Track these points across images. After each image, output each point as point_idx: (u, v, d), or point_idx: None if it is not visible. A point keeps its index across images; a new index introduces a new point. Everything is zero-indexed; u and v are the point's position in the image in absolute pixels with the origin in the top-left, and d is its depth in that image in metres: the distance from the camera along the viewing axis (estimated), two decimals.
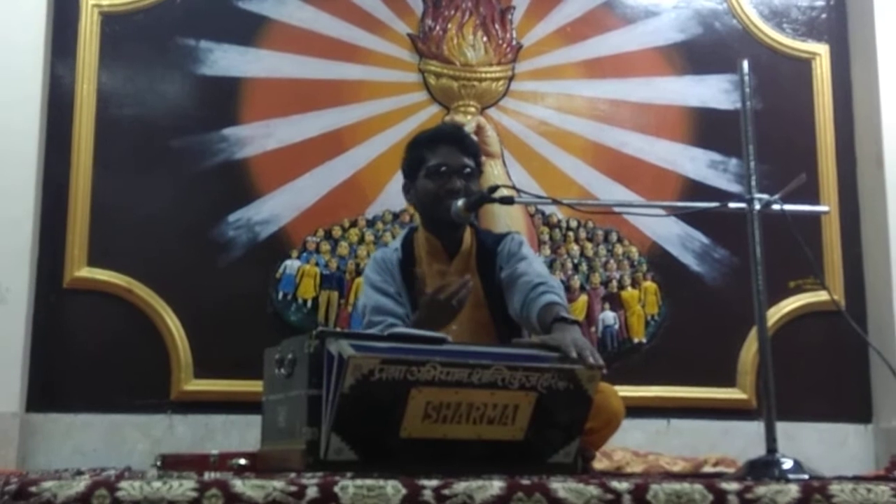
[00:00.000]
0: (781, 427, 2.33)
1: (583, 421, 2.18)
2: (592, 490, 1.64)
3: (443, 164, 2.68)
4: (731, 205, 2.47)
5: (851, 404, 4.25)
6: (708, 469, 3.45)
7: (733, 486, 1.70)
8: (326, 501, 1.57)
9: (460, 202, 2.58)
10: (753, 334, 3.83)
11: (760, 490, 1.69)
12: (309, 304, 3.95)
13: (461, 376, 2.02)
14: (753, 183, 2.36)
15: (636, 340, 4.14)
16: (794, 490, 1.70)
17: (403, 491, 1.59)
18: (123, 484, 1.54)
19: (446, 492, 1.61)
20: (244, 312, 3.90)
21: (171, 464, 2.09)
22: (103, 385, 3.77)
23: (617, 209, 4.13)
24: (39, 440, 3.70)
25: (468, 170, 2.70)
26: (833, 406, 4.22)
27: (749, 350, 4.09)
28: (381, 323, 2.63)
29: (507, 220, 4.00)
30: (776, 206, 2.35)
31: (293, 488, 1.57)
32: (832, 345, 4.17)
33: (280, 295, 3.94)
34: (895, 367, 3.64)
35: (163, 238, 3.91)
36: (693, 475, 3.07)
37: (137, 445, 3.73)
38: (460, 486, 1.62)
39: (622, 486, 1.66)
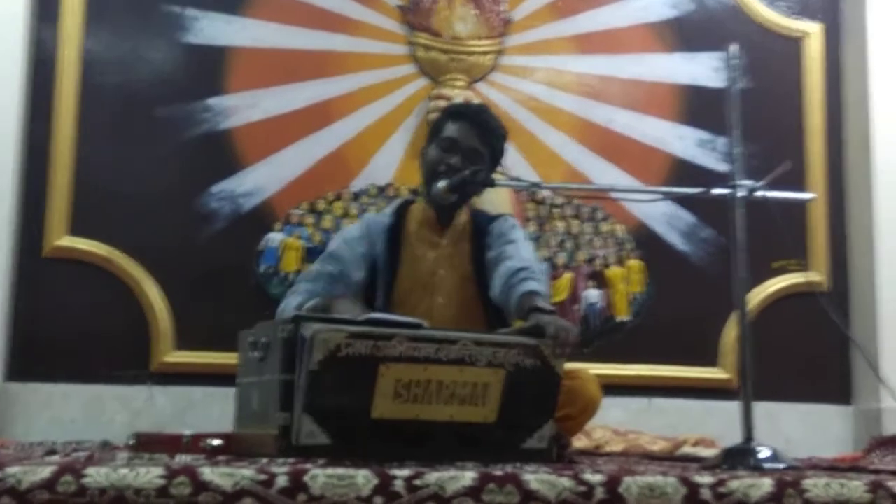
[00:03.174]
0: (763, 407, 2.34)
1: (553, 401, 2.18)
2: (565, 482, 1.63)
3: (453, 138, 2.66)
4: (715, 191, 2.45)
5: (832, 385, 4.27)
6: (687, 449, 3.46)
7: (706, 479, 1.69)
8: (296, 490, 1.55)
9: (441, 183, 2.55)
10: (737, 314, 3.82)
11: (734, 484, 1.68)
12: (291, 277, 3.91)
13: (429, 352, 2.03)
14: (739, 169, 2.34)
15: (620, 319, 4.13)
16: (767, 484, 1.70)
17: (375, 481, 1.58)
18: (90, 470, 1.52)
19: (418, 482, 1.60)
20: (226, 284, 3.88)
21: (145, 443, 2.08)
22: (83, 355, 3.76)
23: (601, 194, 4.12)
24: (18, 410, 3.69)
25: (476, 154, 2.66)
26: (814, 387, 4.24)
27: (732, 330, 4.09)
28: (328, 268, 2.64)
29: (491, 194, 3.94)
30: (760, 194, 2.32)
31: (263, 476, 1.55)
32: (815, 326, 4.15)
33: (263, 268, 3.92)
34: (875, 349, 3.66)
35: (145, 208, 3.87)
36: (671, 457, 3.08)
37: (117, 417, 3.73)
38: (432, 477, 1.61)
39: (595, 478, 1.65)
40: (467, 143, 2.65)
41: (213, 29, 4.03)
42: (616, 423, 3.74)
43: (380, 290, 2.68)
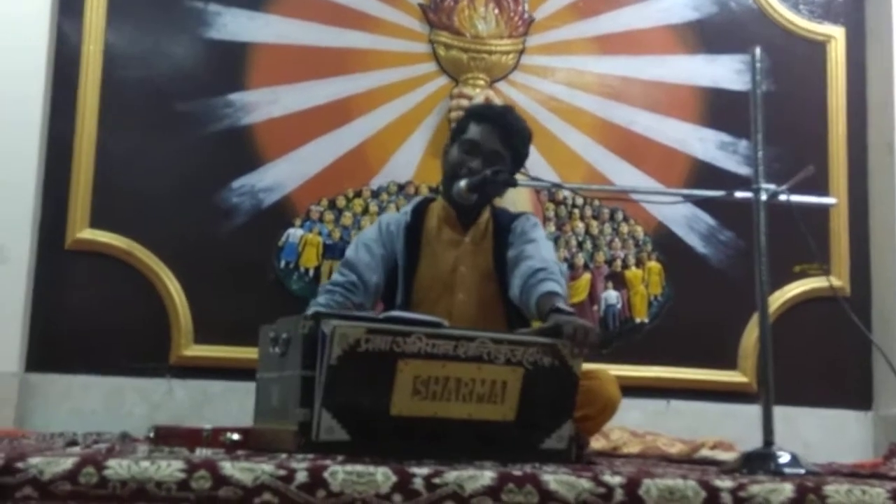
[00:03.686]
0: (781, 411, 2.32)
1: (571, 401, 2.17)
2: (584, 483, 1.63)
3: (475, 141, 2.65)
4: (738, 194, 2.44)
5: (852, 390, 4.25)
6: (705, 452, 3.44)
7: (727, 483, 1.68)
8: (316, 486, 1.55)
9: (462, 183, 2.55)
10: (756, 317, 3.79)
11: (754, 488, 1.67)
12: (311, 273, 3.93)
13: (447, 349, 2.02)
14: (761, 172, 2.33)
15: (638, 320, 4.12)
16: (788, 489, 1.68)
17: (394, 478, 1.58)
18: (111, 462, 1.52)
19: (437, 480, 1.59)
20: (246, 279, 3.89)
21: (164, 436, 2.08)
22: (103, 347, 3.78)
23: (621, 195, 4.11)
24: (38, 401, 3.71)
25: (498, 157, 2.65)
26: (834, 392, 4.22)
27: (751, 333, 4.07)
28: (344, 277, 2.65)
29: (512, 194, 3.94)
30: (783, 197, 2.31)
31: (282, 472, 1.55)
32: (835, 330, 4.14)
33: (282, 263, 3.93)
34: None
35: (166, 202, 3.90)
36: (689, 460, 3.07)
37: (135, 409, 3.74)
38: (451, 476, 1.60)
39: (614, 480, 1.64)
40: (489, 146, 2.63)
41: (235, 25, 4.04)
42: (634, 424, 3.73)
43: (399, 289, 2.68)
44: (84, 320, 3.80)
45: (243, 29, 4.05)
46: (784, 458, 2.19)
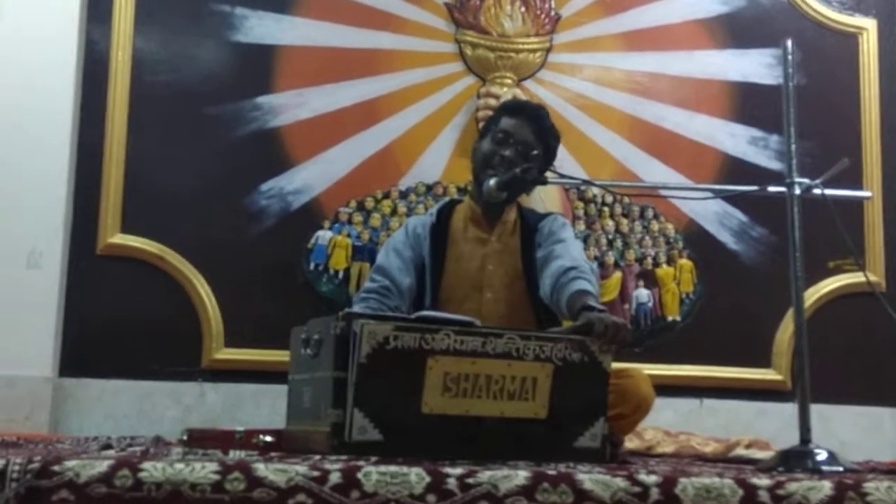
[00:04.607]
0: (816, 409, 2.30)
1: (603, 398, 2.16)
2: (619, 482, 1.62)
3: (508, 131, 2.65)
4: (771, 189, 2.41)
5: (888, 387, 4.18)
6: (740, 451, 3.40)
7: (764, 481, 1.66)
8: (349, 487, 1.55)
9: (492, 181, 2.54)
10: (790, 315, 3.77)
11: (792, 486, 1.65)
12: (340, 275, 3.93)
13: (475, 345, 2.03)
14: (794, 166, 2.30)
15: (670, 318, 4.09)
16: (827, 487, 1.66)
17: (427, 479, 1.58)
18: (146, 465, 1.53)
19: (470, 480, 1.59)
20: (275, 282, 3.89)
21: (197, 439, 2.08)
22: (135, 351, 3.79)
23: (653, 191, 4.07)
24: (72, 405, 3.74)
25: (530, 149, 2.64)
26: (869, 389, 4.15)
27: (785, 331, 4.03)
28: (376, 282, 2.66)
29: (541, 193, 3.93)
30: (817, 191, 2.28)
31: (316, 473, 1.56)
32: (870, 327, 4.08)
33: (312, 265, 3.93)
34: None
35: (195, 206, 3.91)
36: (725, 459, 3.04)
37: (168, 412, 3.76)
38: (485, 476, 1.60)
39: (650, 479, 1.63)
40: (522, 137, 2.63)
41: (261, 28, 4.05)
42: (667, 424, 3.69)
43: (427, 289, 2.67)
44: (116, 325, 3.81)
45: (270, 32, 4.05)
46: (822, 455, 2.17)
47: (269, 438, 2.12)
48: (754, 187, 2.57)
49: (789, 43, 2.37)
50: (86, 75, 3.91)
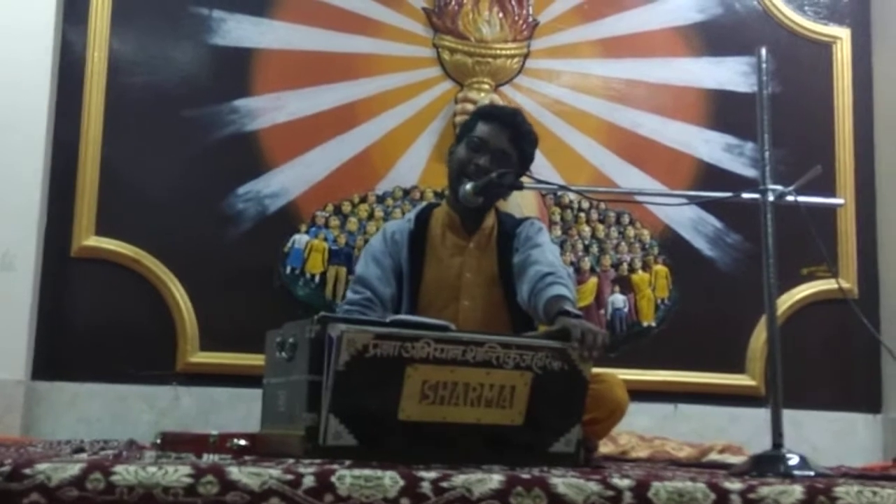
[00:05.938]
0: (790, 415, 2.31)
1: (581, 405, 2.16)
2: (593, 486, 1.62)
3: (483, 138, 2.64)
4: (745, 195, 2.43)
5: (861, 393, 4.23)
6: (714, 456, 3.43)
7: (736, 485, 1.67)
8: (323, 491, 1.54)
9: (468, 185, 2.54)
10: (764, 321, 3.77)
11: (764, 490, 1.66)
12: (317, 279, 3.93)
13: (455, 354, 2.01)
14: (768, 173, 2.32)
15: (645, 324, 4.11)
16: (798, 491, 1.67)
17: (401, 482, 1.57)
18: (118, 468, 1.52)
19: (444, 484, 1.58)
20: (252, 286, 3.89)
21: (171, 442, 2.07)
22: (109, 355, 3.78)
23: (629, 197, 4.09)
24: (44, 408, 3.71)
25: (506, 156, 2.64)
26: (842, 395, 4.20)
27: (759, 337, 4.06)
28: (359, 294, 2.63)
29: (518, 198, 3.95)
30: (790, 198, 2.30)
31: (290, 476, 1.55)
32: (843, 333, 4.13)
33: (288, 269, 3.93)
34: None
35: (171, 209, 3.89)
36: (698, 464, 3.05)
37: (142, 416, 3.74)
38: (459, 479, 1.59)
39: (623, 483, 1.63)
40: (496, 144, 2.62)
41: (239, 31, 4.05)
42: (641, 429, 3.71)
43: (405, 295, 2.67)
44: (90, 328, 3.80)
45: (247, 35, 4.05)
46: (793, 460, 2.18)
47: (243, 442, 2.11)
48: (728, 194, 2.59)
49: (764, 51, 2.39)
50: (62, 76, 3.89)
